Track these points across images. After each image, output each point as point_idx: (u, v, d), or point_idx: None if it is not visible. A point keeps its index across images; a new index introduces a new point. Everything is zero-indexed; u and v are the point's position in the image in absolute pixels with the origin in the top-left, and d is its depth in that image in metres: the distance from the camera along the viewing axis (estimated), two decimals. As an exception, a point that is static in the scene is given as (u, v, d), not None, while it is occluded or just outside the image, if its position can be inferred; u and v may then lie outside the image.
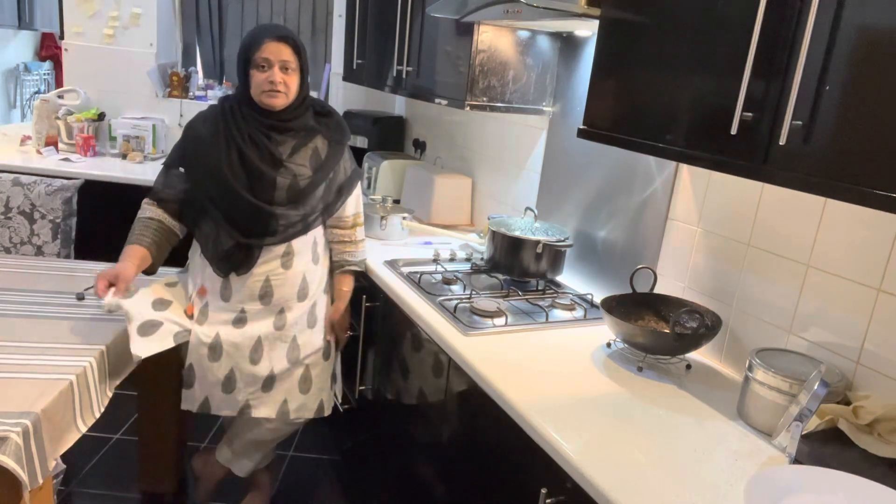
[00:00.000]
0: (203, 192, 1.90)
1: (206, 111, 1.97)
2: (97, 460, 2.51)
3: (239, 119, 1.87)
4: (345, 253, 2.10)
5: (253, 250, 1.89)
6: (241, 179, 1.84)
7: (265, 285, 1.93)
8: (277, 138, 1.88)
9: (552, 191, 2.39)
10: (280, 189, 1.87)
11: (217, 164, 1.84)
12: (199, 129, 1.92)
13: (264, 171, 1.85)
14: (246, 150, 1.84)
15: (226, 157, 1.84)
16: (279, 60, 1.81)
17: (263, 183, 1.85)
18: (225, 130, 1.87)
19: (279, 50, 1.81)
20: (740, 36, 1.21)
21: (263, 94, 1.83)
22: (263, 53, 1.80)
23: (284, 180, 1.87)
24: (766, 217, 1.60)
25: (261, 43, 1.81)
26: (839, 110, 1.07)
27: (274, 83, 1.81)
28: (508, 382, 1.50)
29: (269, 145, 1.86)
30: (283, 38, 1.82)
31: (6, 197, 2.57)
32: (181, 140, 1.97)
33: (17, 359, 1.63)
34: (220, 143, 1.86)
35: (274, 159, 1.86)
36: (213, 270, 1.92)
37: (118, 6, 3.72)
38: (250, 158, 1.84)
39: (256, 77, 1.82)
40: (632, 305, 1.78)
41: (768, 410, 1.38)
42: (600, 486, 1.16)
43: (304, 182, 1.90)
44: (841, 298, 1.43)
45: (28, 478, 1.37)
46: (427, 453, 1.90)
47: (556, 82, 2.38)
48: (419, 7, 2.56)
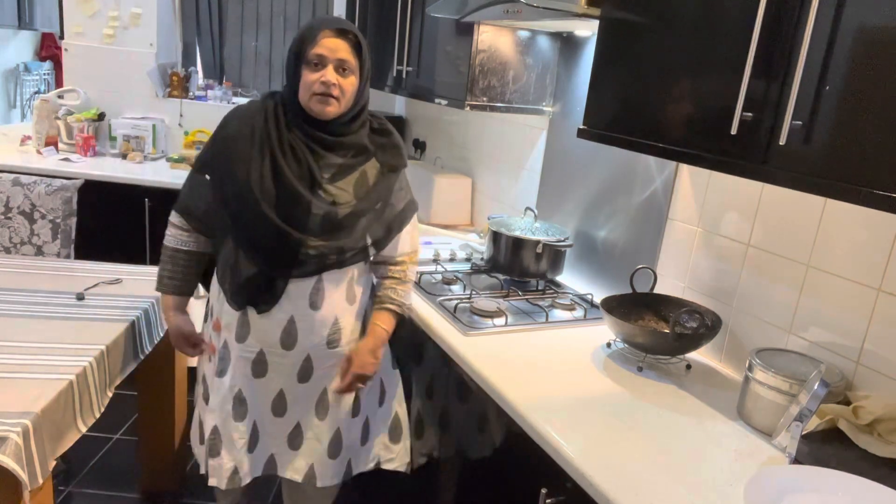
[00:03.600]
0: (224, 208, 1.59)
1: (245, 105, 1.64)
2: (97, 460, 2.51)
3: (281, 123, 1.56)
4: (389, 289, 1.71)
5: (276, 283, 1.57)
6: (269, 198, 1.53)
7: (289, 327, 1.60)
8: (323, 154, 1.57)
9: (552, 191, 2.39)
10: (315, 216, 1.54)
11: (245, 175, 1.53)
12: (233, 127, 1.60)
13: (300, 192, 1.52)
14: (282, 162, 1.53)
15: (257, 167, 1.53)
16: (335, 59, 1.51)
17: (297, 206, 1.53)
18: (262, 134, 1.55)
19: (337, 46, 1.51)
20: (740, 36, 1.21)
21: (314, 97, 1.51)
22: (318, 49, 1.49)
23: (321, 206, 1.54)
24: (765, 217, 1.60)
25: (316, 36, 1.50)
26: (839, 110, 1.07)
27: (327, 85, 1.50)
28: (508, 382, 1.50)
29: (311, 162, 1.55)
30: (343, 32, 1.52)
31: (6, 197, 2.57)
32: (212, 138, 1.66)
33: (17, 359, 1.63)
34: (252, 148, 1.54)
35: (313, 179, 1.55)
36: (228, 303, 1.63)
37: (118, 6, 3.72)
38: (286, 175, 1.52)
39: (307, 77, 1.51)
40: (632, 305, 1.78)
41: (768, 410, 1.38)
42: (600, 486, 1.16)
43: (345, 211, 1.56)
44: (841, 298, 1.43)
45: (28, 478, 1.37)
46: (427, 453, 1.90)
47: (556, 82, 2.38)
48: (419, 7, 2.56)
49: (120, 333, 1.83)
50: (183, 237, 1.71)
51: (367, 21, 3.06)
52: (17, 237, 2.59)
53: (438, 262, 2.29)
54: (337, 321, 1.64)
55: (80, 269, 2.29)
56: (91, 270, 2.27)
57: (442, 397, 1.83)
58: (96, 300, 2.02)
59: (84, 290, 2.06)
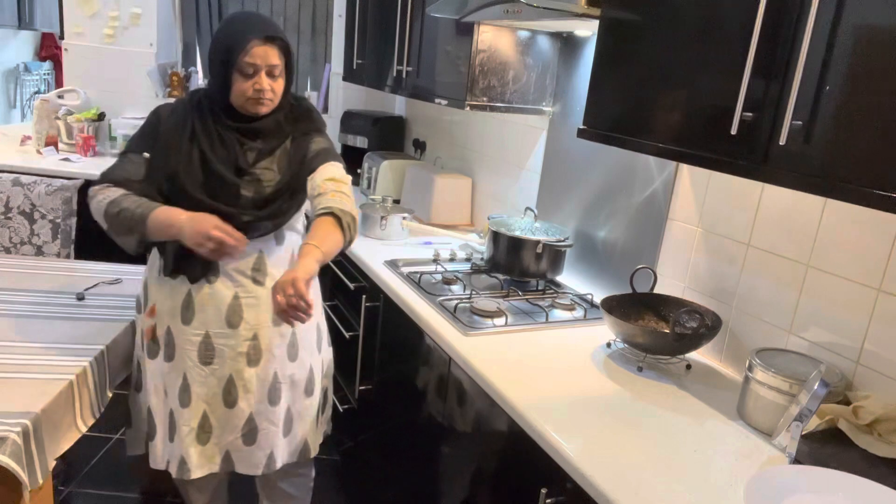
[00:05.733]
0: (156, 188, 1.64)
1: (174, 103, 1.73)
2: (97, 460, 2.51)
3: (208, 118, 1.65)
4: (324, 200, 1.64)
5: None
6: (197, 182, 1.61)
7: (234, 304, 1.67)
8: (246, 142, 1.66)
9: (552, 191, 2.39)
10: (244, 197, 1.63)
11: (175, 163, 1.62)
12: (164, 120, 1.68)
13: (226, 176, 1.62)
14: (208, 150, 1.62)
15: (186, 155, 1.62)
16: (266, 66, 1.59)
17: (225, 189, 1.62)
18: (191, 127, 1.64)
19: (266, 54, 1.58)
20: (740, 36, 1.21)
21: (249, 101, 1.61)
22: (250, 58, 1.57)
23: (249, 187, 1.64)
24: (766, 217, 1.60)
25: (245, 45, 1.56)
26: (839, 110, 1.07)
27: (262, 92, 1.60)
28: (508, 382, 1.50)
29: (237, 149, 1.64)
30: (271, 39, 1.59)
31: (6, 197, 2.57)
32: (142, 127, 1.72)
33: (17, 359, 1.63)
34: (183, 139, 1.63)
35: (238, 167, 1.64)
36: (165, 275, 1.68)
37: (118, 6, 3.72)
38: (211, 161, 1.62)
39: (241, 84, 1.59)
40: (632, 305, 1.78)
41: (768, 410, 1.38)
42: (600, 486, 1.16)
43: (272, 187, 1.66)
44: (841, 298, 1.43)
45: (28, 478, 1.37)
46: (427, 453, 1.90)
47: (556, 82, 2.38)
48: (419, 7, 2.56)
49: (120, 333, 1.83)
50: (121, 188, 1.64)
51: (367, 21, 3.06)
52: (17, 237, 2.59)
53: (438, 262, 2.29)
54: None
55: (80, 269, 2.29)
56: (91, 270, 2.27)
57: (440, 397, 1.84)
58: (96, 300, 2.02)
59: (84, 290, 2.06)
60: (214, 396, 1.71)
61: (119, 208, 1.59)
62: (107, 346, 1.75)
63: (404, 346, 2.03)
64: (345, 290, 2.46)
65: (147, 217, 1.57)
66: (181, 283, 1.68)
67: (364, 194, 3.25)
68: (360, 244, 2.45)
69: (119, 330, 1.84)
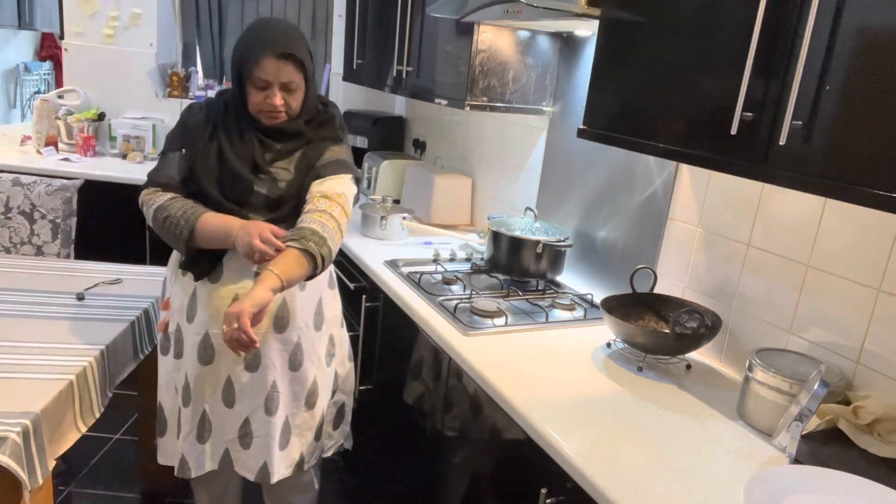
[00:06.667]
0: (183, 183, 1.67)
1: (204, 101, 1.75)
2: (97, 460, 2.51)
3: (231, 116, 1.66)
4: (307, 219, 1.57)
5: (217, 254, 1.63)
6: (212, 176, 1.62)
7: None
8: (266, 141, 1.66)
9: (552, 191, 2.39)
10: (257, 194, 1.63)
11: (193, 156, 1.64)
12: (192, 116, 1.71)
13: (241, 172, 1.62)
14: (226, 145, 1.63)
15: (203, 150, 1.63)
16: (280, 82, 1.57)
17: (238, 185, 1.62)
18: (214, 123, 1.66)
19: (280, 71, 1.56)
20: (740, 36, 1.21)
21: (261, 113, 1.62)
22: (261, 73, 1.56)
23: (262, 185, 1.63)
24: (766, 217, 1.60)
25: (258, 60, 1.54)
26: (839, 110, 1.07)
27: (274, 107, 1.59)
28: (508, 382, 1.50)
29: (255, 146, 1.64)
30: (285, 56, 1.55)
31: (6, 197, 2.57)
32: (176, 125, 1.75)
33: (17, 359, 1.63)
34: (204, 134, 1.65)
35: (255, 164, 1.64)
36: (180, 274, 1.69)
37: (118, 6, 3.72)
38: (228, 157, 1.62)
39: (254, 96, 1.60)
40: (632, 305, 1.78)
41: (768, 410, 1.38)
42: (600, 486, 1.16)
43: (285, 188, 1.64)
44: (841, 298, 1.43)
45: (28, 478, 1.37)
46: (427, 453, 1.90)
47: (556, 82, 2.38)
48: (419, 7, 2.56)
49: (120, 333, 1.83)
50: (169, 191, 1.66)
51: (367, 21, 3.06)
52: (17, 237, 2.59)
53: (438, 262, 2.29)
54: (285, 302, 1.67)
55: (80, 269, 2.29)
56: (91, 270, 2.27)
57: (440, 397, 1.84)
58: (96, 300, 2.02)
59: (84, 290, 2.06)
60: (214, 395, 1.71)
61: (165, 214, 1.61)
62: (107, 346, 1.75)
63: (404, 347, 2.03)
64: (345, 290, 2.45)
65: (194, 225, 1.58)
66: (191, 281, 1.68)
67: (364, 194, 3.25)
68: (360, 244, 2.45)
69: (119, 330, 1.84)
